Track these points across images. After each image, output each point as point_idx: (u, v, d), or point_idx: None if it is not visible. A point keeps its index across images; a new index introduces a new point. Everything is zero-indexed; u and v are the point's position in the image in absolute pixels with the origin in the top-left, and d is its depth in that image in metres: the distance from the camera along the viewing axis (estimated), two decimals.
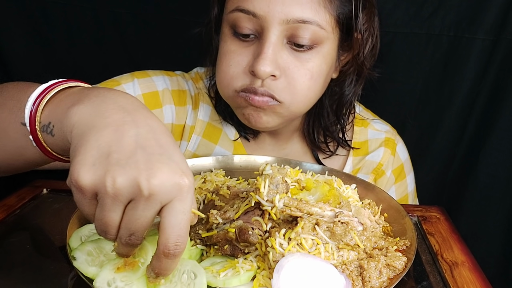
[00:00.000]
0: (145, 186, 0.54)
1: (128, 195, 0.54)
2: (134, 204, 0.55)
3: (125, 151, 0.55)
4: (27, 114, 0.66)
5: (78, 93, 0.65)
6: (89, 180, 0.54)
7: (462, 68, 1.44)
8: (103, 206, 0.55)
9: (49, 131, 0.65)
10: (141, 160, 0.55)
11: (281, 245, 0.67)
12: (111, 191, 0.54)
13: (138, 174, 0.54)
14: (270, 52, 0.93)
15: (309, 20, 0.93)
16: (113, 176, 0.54)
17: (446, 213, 0.92)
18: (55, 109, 0.65)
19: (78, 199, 0.57)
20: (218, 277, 0.65)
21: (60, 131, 0.63)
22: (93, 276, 0.64)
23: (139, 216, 0.55)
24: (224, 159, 1.05)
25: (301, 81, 0.96)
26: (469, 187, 1.50)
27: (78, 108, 0.60)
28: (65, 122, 0.61)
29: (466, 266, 0.75)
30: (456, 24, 1.40)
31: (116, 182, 0.54)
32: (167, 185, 0.55)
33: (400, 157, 1.25)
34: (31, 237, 0.80)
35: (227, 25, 0.99)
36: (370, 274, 0.66)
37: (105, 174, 0.54)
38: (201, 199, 0.87)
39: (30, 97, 0.66)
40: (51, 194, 0.94)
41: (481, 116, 1.47)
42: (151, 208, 0.55)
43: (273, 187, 0.71)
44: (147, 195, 0.54)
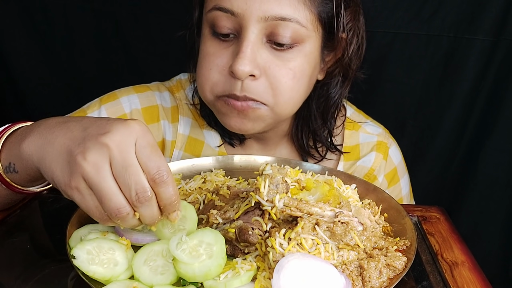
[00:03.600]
0: (106, 140, 0.62)
1: (104, 159, 0.62)
2: (114, 164, 0.62)
3: (77, 140, 0.65)
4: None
5: (22, 132, 0.74)
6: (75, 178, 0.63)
7: (462, 69, 1.44)
8: (97, 185, 0.62)
9: (12, 170, 0.74)
10: (92, 134, 0.64)
11: (281, 245, 0.67)
12: (90, 167, 0.62)
13: (96, 139, 0.63)
14: (248, 51, 0.90)
15: (288, 17, 0.90)
16: (83, 158, 0.62)
17: (446, 213, 0.92)
18: (9, 151, 0.74)
19: (79, 199, 0.64)
20: (219, 279, 0.65)
21: (22, 165, 0.72)
22: (93, 275, 0.64)
23: (125, 168, 0.62)
24: (224, 159, 1.04)
25: (283, 81, 0.94)
26: (469, 187, 1.51)
27: (27, 142, 0.70)
28: (23, 157, 0.70)
29: (466, 266, 0.75)
30: (456, 25, 1.41)
31: (88, 158, 0.62)
32: (122, 130, 0.64)
33: (393, 160, 1.20)
34: (31, 237, 0.80)
35: (207, 25, 0.97)
36: (370, 274, 0.66)
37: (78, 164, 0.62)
38: (201, 199, 0.87)
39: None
40: (51, 194, 0.94)
41: (481, 117, 1.47)
42: (128, 153, 0.63)
43: (273, 187, 0.71)
44: (114, 147, 0.62)
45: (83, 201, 0.64)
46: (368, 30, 1.07)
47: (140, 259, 0.67)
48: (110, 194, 0.62)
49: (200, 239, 0.68)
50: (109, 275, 0.65)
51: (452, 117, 1.50)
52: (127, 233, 0.73)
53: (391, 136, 1.22)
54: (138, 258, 0.68)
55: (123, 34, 1.48)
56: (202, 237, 0.68)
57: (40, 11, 1.43)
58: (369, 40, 1.09)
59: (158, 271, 0.67)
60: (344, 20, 0.98)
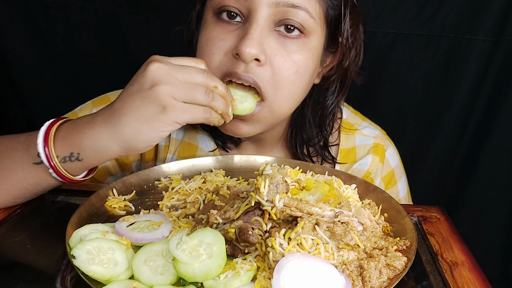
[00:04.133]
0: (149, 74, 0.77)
1: (165, 78, 0.77)
2: (176, 87, 0.77)
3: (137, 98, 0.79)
4: (42, 154, 0.81)
5: (74, 125, 0.83)
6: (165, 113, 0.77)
7: (463, 69, 1.45)
8: (185, 95, 0.78)
9: (74, 159, 0.81)
10: (139, 89, 0.79)
11: (281, 245, 0.67)
12: (165, 93, 0.77)
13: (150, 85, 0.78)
14: (257, 33, 0.89)
15: (299, 5, 0.90)
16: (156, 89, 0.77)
17: (446, 213, 0.92)
18: (68, 142, 0.81)
19: (182, 114, 0.79)
20: (219, 279, 0.65)
21: (93, 153, 0.81)
22: (93, 275, 0.64)
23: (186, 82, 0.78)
24: (224, 159, 1.04)
25: (286, 74, 0.92)
26: (469, 187, 1.51)
27: (91, 134, 0.80)
28: (96, 144, 0.80)
29: (466, 266, 0.75)
30: (456, 25, 1.41)
31: (160, 89, 0.77)
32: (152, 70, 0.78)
33: (390, 163, 1.18)
34: (32, 237, 0.80)
35: (210, 11, 0.95)
36: (370, 274, 0.66)
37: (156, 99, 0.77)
38: (201, 199, 0.87)
39: (38, 141, 0.81)
40: (51, 194, 0.94)
41: (481, 117, 1.47)
42: (184, 73, 0.78)
43: (273, 187, 0.70)
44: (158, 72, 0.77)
45: (187, 111, 0.78)
46: (369, 30, 1.07)
47: (140, 259, 0.68)
48: (190, 93, 0.78)
49: (200, 239, 0.68)
50: (109, 275, 0.65)
51: (453, 117, 1.50)
52: (127, 233, 0.73)
53: (388, 138, 1.20)
54: (138, 258, 0.68)
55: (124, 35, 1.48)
56: (202, 237, 0.68)
57: (41, 12, 1.43)
58: (370, 40, 1.10)
59: (158, 271, 0.67)
60: (348, 23, 0.98)
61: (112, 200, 0.87)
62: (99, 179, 1.10)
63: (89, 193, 0.86)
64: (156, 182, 0.96)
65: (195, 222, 0.80)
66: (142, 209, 0.86)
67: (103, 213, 0.84)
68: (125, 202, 0.88)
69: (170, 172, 0.99)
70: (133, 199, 0.90)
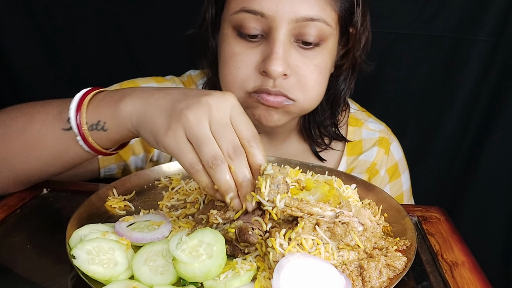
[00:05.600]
0: (208, 100, 0.71)
1: (204, 115, 0.70)
2: (213, 122, 0.70)
3: (179, 99, 0.73)
4: (73, 119, 0.79)
5: (111, 95, 0.80)
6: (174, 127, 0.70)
7: (464, 69, 1.44)
8: (197, 133, 0.69)
9: (100, 128, 0.79)
10: (193, 94, 0.73)
11: (281, 245, 0.67)
12: (192, 118, 0.69)
13: (198, 98, 0.71)
14: (280, 51, 0.93)
15: (317, 18, 0.94)
16: (186, 111, 0.70)
17: (446, 214, 0.92)
18: (99, 110, 0.79)
19: (174, 145, 0.70)
20: (219, 279, 0.65)
21: (115, 123, 0.78)
22: (93, 275, 0.64)
23: (222, 126, 0.70)
24: None
25: (311, 77, 0.98)
26: (469, 187, 1.51)
27: (126, 102, 0.77)
28: (119, 115, 0.77)
29: (466, 266, 0.75)
30: (457, 25, 1.41)
31: (190, 112, 0.70)
32: (220, 95, 0.72)
33: (394, 156, 1.24)
34: (32, 237, 0.80)
35: (230, 26, 0.98)
36: (370, 274, 0.66)
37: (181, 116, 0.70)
38: (201, 199, 0.87)
39: (71, 106, 0.80)
40: (51, 194, 0.94)
41: (482, 117, 1.47)
42: (226, 114, 0.71)
43: (274, 187, 0.70)
44: (214, 106, 0.70)
45: (177, 147, 0.69)
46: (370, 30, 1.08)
47: (140, 259, 0.68)
48: (209, 142, 0.69)
49: (200, 239, 0.68)
50: (109, 275, 0.65)
51: (454, 118, 1.50)
52: (127, 233, 0.73)
53: (392, 133, 1.26)
54: (138, 258, 0.68)
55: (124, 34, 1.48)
56: (202, 237, 0.68)
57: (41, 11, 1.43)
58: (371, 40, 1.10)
59: (158, 271, 0.67)
60: (359, 16, 1.03)
61: (112, 200, 0.87)
62: (124, 156, 1.12)
63: (89, 193, 0.86)
64: (156, 182, 0.96)
65: (195, 222, 0.80)
66: (142, 209, 0.85)
67: (103, 213, 0.84)
68: (125, 202, 0.88)
69: (170, 172, 0.99)
70: (133, 199, 0.90)
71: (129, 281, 0.66)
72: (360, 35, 1.06)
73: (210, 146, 0.68)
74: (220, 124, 0.70)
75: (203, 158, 0.69)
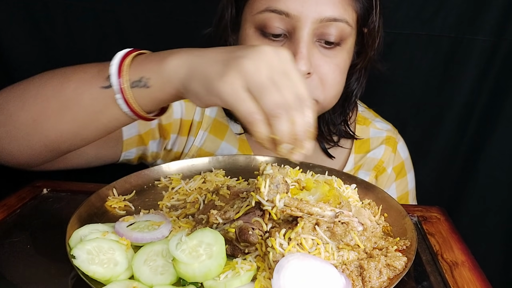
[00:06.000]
0: (265, 48, 0.67)
1: (263, 63, 0.65)
2: (273, 70, 0.66)
3: (232, 50, 0.70)
4: (114, 75, 0.75)
5: (156, 54, 0.76)
6: (231, 73, 0.65)
7: (463, 69, 1.44)
8: (257, 80, 0.64)
9: (143, 85, 0.74)
10: (246, 46, 0.70)
11: (281, 245, 0.67)
12: (251, 65, 0.65)
13: (253, 48, 0.68)
14: (305, 51, 0.94)
15: (340, 18, 0.96)
16: (244, 58, 0.66)
17: (446, 213, 0.92)
18: (142, 67, 0.75)
19: (229, 91, 0.65)
20: (219, 279, 0.65)
21: (159, 79, 0.73)
22: (93, 275, 0.64)
23: (284, 75, 0.66)
24: (224, 159, 1.05)
25: (332, 77, 1.00)
26: (469, 187, 1.50)
27: (173, 57, 0.72)
28: (165, 70, 0.72)
29: (466, 266, 0.75)
30: (456, 25, 1.41)
31: (248, 59, 0.65)
32: (279, 49, 0.68)
33: (401, 155, 1.26)
34: (32, 237, 0.80)
35: (252, 25, 0.99)
36: (370, 274, 0.66)
37: (239, 62, 0.66)
38: (201, 199, 0.87)
39: (113, 62, 0.76)
40: (51, 194, 0.94)
41: (481, 117, 1.47)
42: (286, 63, 0.67)
43: (273, 187, 0.70)
44: (273, 55, 0.67)
45: (234, 94, 0.64)
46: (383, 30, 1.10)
47: (140, 259, 0.68)
48: (272, 89, 0.64)
49: (199, 239, 0.68)
50: (109, 275, 0.65)
51: (453, 117, 1.49)
52: (127, 233, 0.73)
53: (399, 133, 1.29)
54: (138, 258, 0.68)
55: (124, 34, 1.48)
56: (201, 237, 0.68)
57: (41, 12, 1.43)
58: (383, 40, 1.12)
59: (158, 271, 0.67)
60: (377, 15, 1.05)
61: (112, 200, 0.87)
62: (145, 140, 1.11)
63: (89, 193, 0.86)
64: (156, 182, 0.96)
65: (195, 222, 0.80)
66: (142, 209, 0.86)
67: (103, 213, 0.84)
68: (125, 202, 0.88)
69: (170, 172, 0.99)
70: (133, 199, 0.90)
71: (129, 281, 0.66)
72: (375, 35, 1.08)
73: (274, 94, 0.64)
74: (282, 72, 0.66)
75: (266, 107, 0.64)
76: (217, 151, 1.16)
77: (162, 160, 1.19)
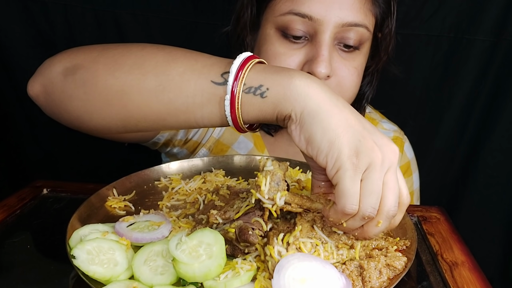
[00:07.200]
0: (394, 148, 0.65)
1: (388, 162, 0.64)
2: (391, 174, 0.64)
3: (364, 126, 0.66)
4: (232, 74, 0.68)
5: (281, 68, 0.70)
6: (363, 159, 0.62)
7: (462, 69, 1.44)
8: (374, 178, 0.62)
9: (259, 93, 0.68)
10: (380, 134, 0.66)
11: (279, 253, 0.67)
12: (380, 158, 0.63)
13: (388, 142, 0.65)
14: (326, 54, 0.96)
15: (360, 23, 0.98)
16: (377, 146, 0.63)
17: (446, 213, 0.92)
18: (265, 75, 0.68)
19: (350, 178, 0.62)
20: (219, 279, 0.65)
21: (280, 94, 0.66)
22: (93, 275, 0.64)
23: (394, 183, 0.64)
24: (224, 159, 1.05)
25: (350, 79, 1.02)
26: (469, 187, 1.51)
27: (308, 84, 0.66)
28: (291, 88, 0.66)
29: (466, 266, 0.75)
30: (456, 25, 1.41)
31: (380, 149, 0.63)
32: (396, 148, 0.66)
33: (407, 155, 1.28)
34: (32, 237, 0.80)
35: (273, 26, 1.01)
36: (370, 274, 0.66)
37: (374, 149, 0.63)
38: (201, 199, 0.87)
39: (236, 61, 0.69)
40: (51, 194, 0.95)
41: (481, 117, 1.47)
42: (394, 172, 0.65)
43: (274, 185, 0.69)
44: (395, 158, 0.65)
45: (352, 184, 0.62)
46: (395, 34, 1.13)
47: (140, 259, 0.68)
48: (379, 194, 0.62)
49: (199, 240, 0.68)
50: (109, 275, 0.65)
51: (452, 118, 1.50)
52: (127, 233, 0.73)
53: (404, 134, 1.31)
54: (138, 258, 0.68)
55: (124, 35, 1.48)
56: (201, 237, 0.68)
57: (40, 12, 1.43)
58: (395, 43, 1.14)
59: (158, 271, 0.67)
60: (393, 20, 1.07)
61: (112, 200, 0.87)
62: None
63: (89, 193, 0.86)
64: (156, 182, 0.96)
65: (195, 222, 0.80)
66: (142, 209, 0.86)
67: (103, 213, 0.84)
68: (125, 202, 0.88)
69: (170, 172, 0.99)
70: (133, 199, 0.90)
71: (129, 281, 0.66)
72: (389, 39, 1.10)
73: (377, 199, 0.63)
74: (395, 177, 0.64)
75: (364, 205, 0.62)
76: (234, 144, 1.17)
77: (180, 149, 1.20)
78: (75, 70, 0.76)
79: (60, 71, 0.78)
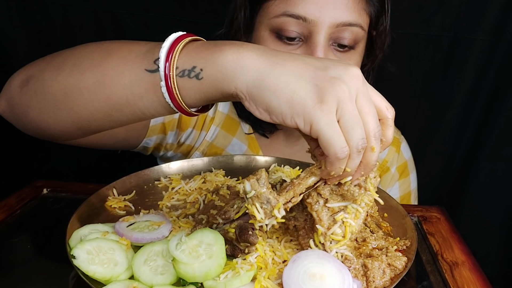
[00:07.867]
0: (356, 71, 0.61)
1: (354, 90, 0.61)
2: (361, 97, 0.61)
3: (319, 67, 0.62)
4: (162, 60, 0.66)
5: (214, 43, 0.67)
6: (329, 101, 0.59)
7: (462, 69, 1.44)
8: (350, 112, 0.60)
9: (194, 75, 0.65)
10: (333, 64, 0.62)
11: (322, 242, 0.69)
12: (347, 93, 0.60)
13: (345, 68, 0.61)
14: (322, 55, 0.96)
15: (355, 23, 0.98)
16: (340, 82, 0.60)
17: (446, 213, 0.92)
18: (197, 54, 0.66)
19: (326, 122, 0.59)
20: (219, 279, 0.65)
21: (216, 74, 0.64)
22: (93, 275, 0.64)
23: (370, 102, 0.62)
24: (224, 159, 1.05)
25: None
26: (469, 187, 1.51)
27: (237, 53, 0.63)
28: (225, 64, 0.63)
29: (466, 266, 0.75)
30: (456, 25, 1.41)
31: (343, 84, 0.60)
32: (358, 70, 0.62)
33: (404, 155, 1.28)
34: (32, 238, 0.80)
35: (267, 28, 1.01)
36: (374, 274, 0.66)
37: (336, 87, 0.59)
38: (201, 199, 0.87)
39: (164, 45, 0.67)
40: (51, 194, 0.94)
41: (480, 117, 1.47)
42: (366, 84, 0.63)
43: (265, 206, 0.66)
44: (360, 76, 0.62)
45: (331, 127, 0.59)
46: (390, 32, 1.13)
47: (140, 259, 0.68)
48: (360, 124, 0.60)
49: (199, 239, 0.68)
50: (109, 275, 0.65)
51: (452, 117, 1.50)
52: (127, 233, 0.73)
53: (401, 134, 1.31)
54: (138, 258, 0.68)
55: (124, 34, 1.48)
56: (201, 237, 0.68)
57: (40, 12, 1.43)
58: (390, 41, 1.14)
59: (158, 271, 0.67)
60: (387, 18, 1.08)
61: (112, 200, 0.87)
62: (167, 128, 1.11)
63: (89, 193, 0.86)
64: (156, 182, 0.96)
65: (195, 222, 0.80)
66: (142, 209, 0.85)
67: (103, 213, 0.84)
68: (125, 202, 0.88)
69: (170, 172, 0.99)
70: (133, 199, 0.90)
71: (129, 281, 0.66)
72: (384, 37, 1.10)
73: (361, 129, 0.60)
74: (367, 99, 0.62)
75: (353, 141, 0.60)
76: (228, 147, 1.17)
77: (173, 153, 1.19)
78: (27, 81, 0.78)
79: (17, 84, 0.79)
